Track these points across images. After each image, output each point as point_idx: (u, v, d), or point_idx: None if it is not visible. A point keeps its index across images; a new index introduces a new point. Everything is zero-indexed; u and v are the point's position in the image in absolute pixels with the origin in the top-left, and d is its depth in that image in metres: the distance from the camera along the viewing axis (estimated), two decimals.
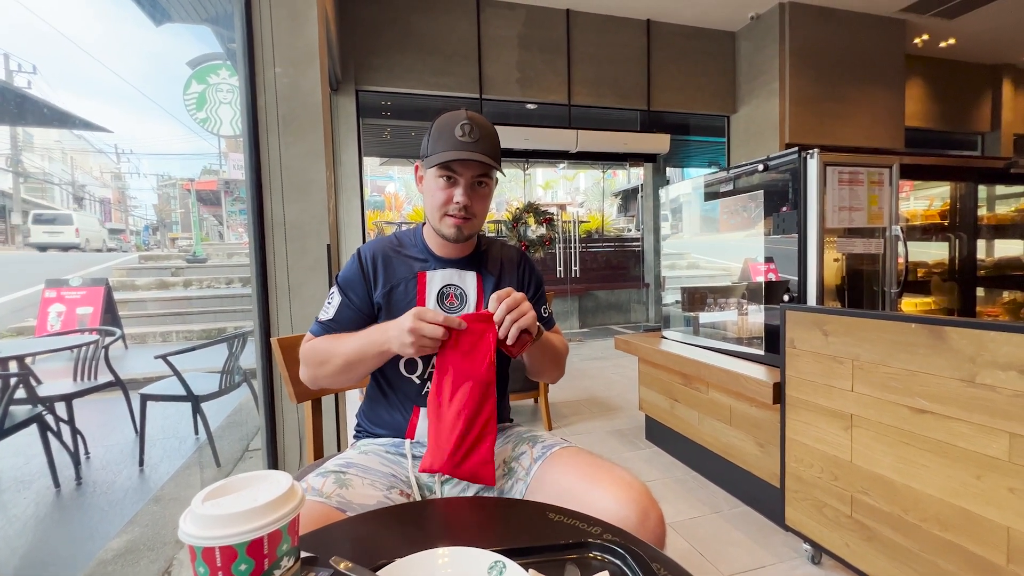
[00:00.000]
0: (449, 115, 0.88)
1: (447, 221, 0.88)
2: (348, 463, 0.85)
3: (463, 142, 0.84)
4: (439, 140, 0.86)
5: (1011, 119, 6.42)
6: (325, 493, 0.75)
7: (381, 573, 0.49)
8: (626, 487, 0.76)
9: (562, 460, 0.85)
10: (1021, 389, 0.94)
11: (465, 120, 0.86)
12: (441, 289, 0.94)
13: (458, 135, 0.85)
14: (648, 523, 0.73)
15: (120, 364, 2.87)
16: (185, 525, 0.35)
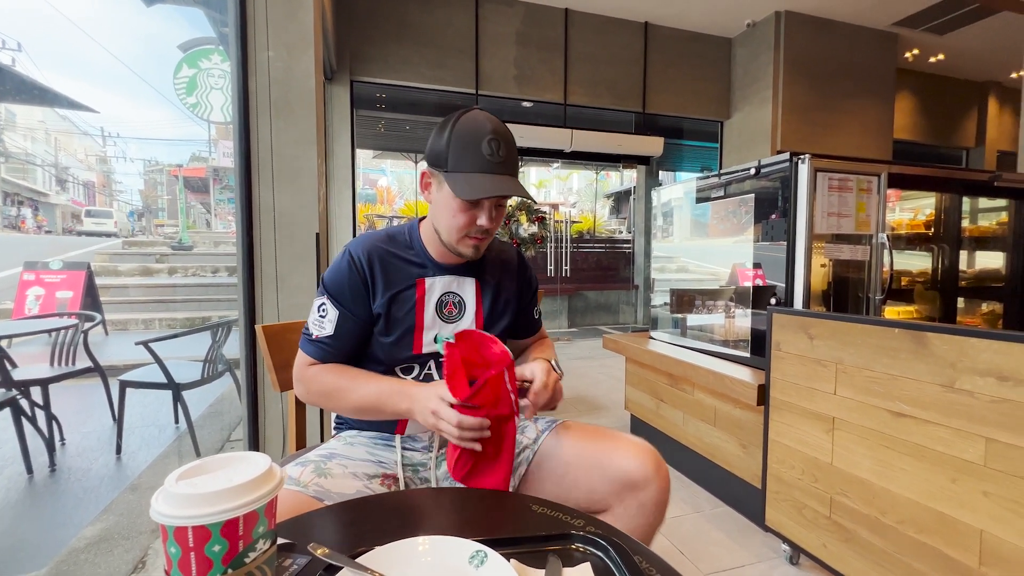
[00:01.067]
0: (472, 123, 0.78)
1: (466, 242, 0.83)
2: (331, 453, 0.84)
3: (491, 162, 0.77)
4: (463, 156, 0.77)
5: (995, 136, 6.57)
6: (302, 482, 0.74)
7: (360, 560, 0.48)
8: (639, 446, 0.82)
9: (570, 429, 0.89)
10: (998, 395, 0.96)
11: (492, 135, 0.77)
12: (440, 297, 0.88)
13: (486, 153, 0.76)
14: (660, 473, 0.80)
15: (100, 350, 2.81)
16: (157, 504, 0.34)
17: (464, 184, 0.76)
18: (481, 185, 0.76)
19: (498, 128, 0.79)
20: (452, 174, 0.78)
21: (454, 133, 0.78)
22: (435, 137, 0.81)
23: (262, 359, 1.64)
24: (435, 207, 0.84)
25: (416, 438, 0.91)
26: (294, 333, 1.17)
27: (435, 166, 0.81)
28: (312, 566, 0.49)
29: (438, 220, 0.83)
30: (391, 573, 0.46)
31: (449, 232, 0.82)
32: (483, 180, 0.76)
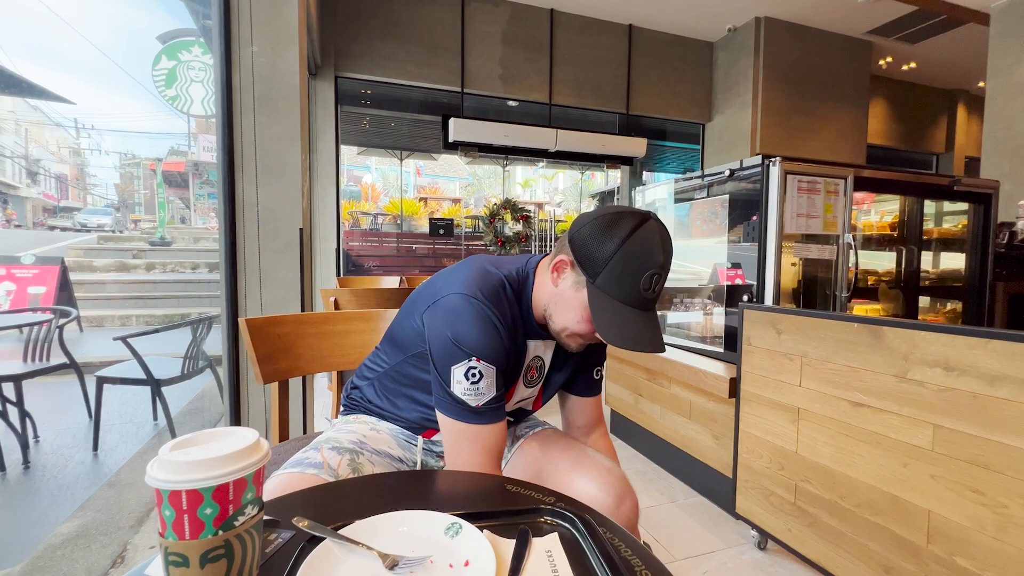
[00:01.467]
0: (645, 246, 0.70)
1: (576, 340, 0.79)
2: (362, 443, 0.84)
3: (644, 298, 0.71)
4: (619, 281, 0.70)
5: (963, 142, 6.83)
6: (340, 475, 0.75)
7: (343, 532, 0.51)
8: (605, 472, 0.79)
9: (543, 440, 0.88)
10: (945, 384, 1.03)
11: (657, 270, 0.70)
12: (529, 363, 0.85)
13: (643, 287, 0.70)
14: (623, 507, 0.76)
15: (75, 347, 2.76)
16: (152, 470, 0.36)
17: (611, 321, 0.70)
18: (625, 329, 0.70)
19: (665, 260, 0.72)
20: (600, 292, 0.71)
21: (623, 249, 0.70)
22: (597, 236, 0.72)
23: (245, 353, 1.64)
24: (561, 299, 0.76)
25: (438, 443, 0.91)
26: (278, 326, 1.19)
27: (583, 267, 0.73)
28: (296, 538, 0.52)
29: (557, 311, 0.77)
30: (370, 543, 0.50)
31: (562, 330, 0.78)
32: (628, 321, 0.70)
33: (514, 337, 0.78)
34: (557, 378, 0.90)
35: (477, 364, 0.72)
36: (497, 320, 0.74)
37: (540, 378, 0.87)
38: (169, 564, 0.36)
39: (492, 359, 0.73)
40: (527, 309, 0.81)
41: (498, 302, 0.76)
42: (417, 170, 11.36)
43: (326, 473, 0.75)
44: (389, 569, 0.47)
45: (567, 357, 0.88)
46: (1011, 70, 3.36)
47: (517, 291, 0.80)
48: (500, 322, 0.74)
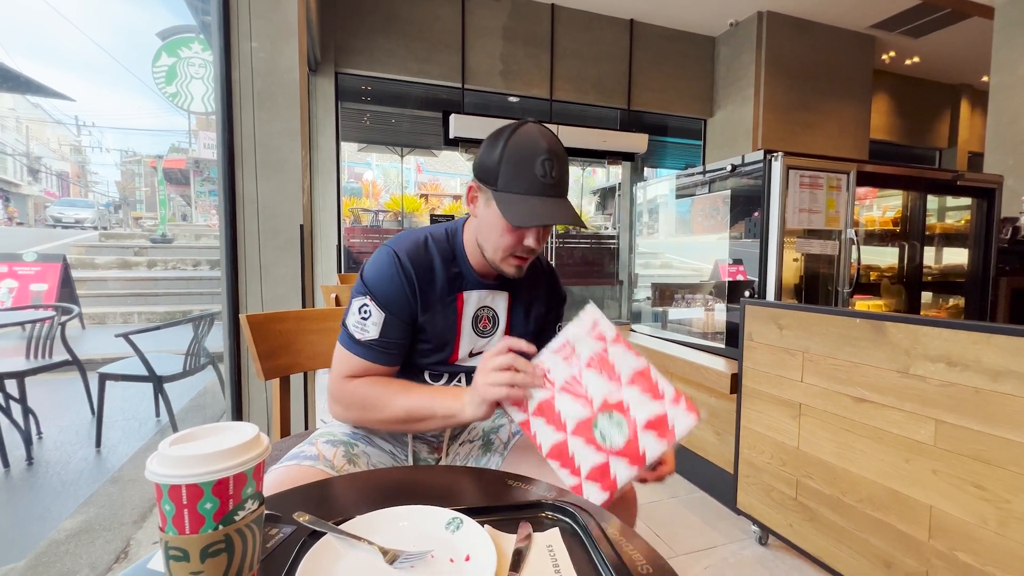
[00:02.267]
0: (527, 139, 0.75)
1: (511, 261, 0.80)
2: (356, 434, 0.86)
3: (544, 183, 0.74)
4: (515, 177, 0.74)
5: (967, 137, 6.79)
6: (336, 466, 0.76)
7: (343, 527, 0.51)
8: None
9: None
10: (947, 379, 1.02)
11: (546, 156, 0.74)
12: (476, 312, 0.86)
13: (539, 175, 0.73)
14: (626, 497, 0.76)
15: (77, 344, 2.77)
16: (152, 465, 0.36)
17: (515, 209, 0.73)
18: (533, 211, 0.73)
19: (553, 146, 0.75)
20: (503, 194, 0.75)
21: (507, 150, 0.75)
22: (486, 151, 0.78)
23: (246, 349, 1.65)
24: (481, 223, 0.80)
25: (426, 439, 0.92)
26: (279, 323, 1.19)
27: (484, 182, 0.78)
28: (297, 533, 0.52)
29: (483, 237, 0.80)
30: (371, 538, 0.50)
31: (495, 251, 0.80)
32: (535, 205, 0.73)
33: (433, 287, 0.82)
34: (520, 328, 0.91)
35: (370, 304, 0.79)
36: (404, 271, 0.79)
37: (495, 328, 0.88)
38: (170, 559, 0.36)
39: (384, 305, 0.79)
40: (462, 261, 0.85)
41: (414, 254, 0.81)
42: (418, 167, 11.34)
43: (322, 464, 0.76)
44: (390, 564, 0.47)
45: (527, 311, 0.91)
46: (1016, 64, 3.34)
47: (446, 246, 0.85)
48: (409, 273, 0.80)
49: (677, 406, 0.62)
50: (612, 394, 0.64)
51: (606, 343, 0.65)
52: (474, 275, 0.85)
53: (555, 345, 0.66)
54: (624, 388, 0.64)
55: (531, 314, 0.91)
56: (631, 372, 0.64)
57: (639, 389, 0.63)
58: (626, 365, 0.65)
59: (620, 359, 0.65)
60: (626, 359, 0.65)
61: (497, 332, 0.89)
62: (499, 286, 0.88)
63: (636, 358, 0.65)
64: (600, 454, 0.63)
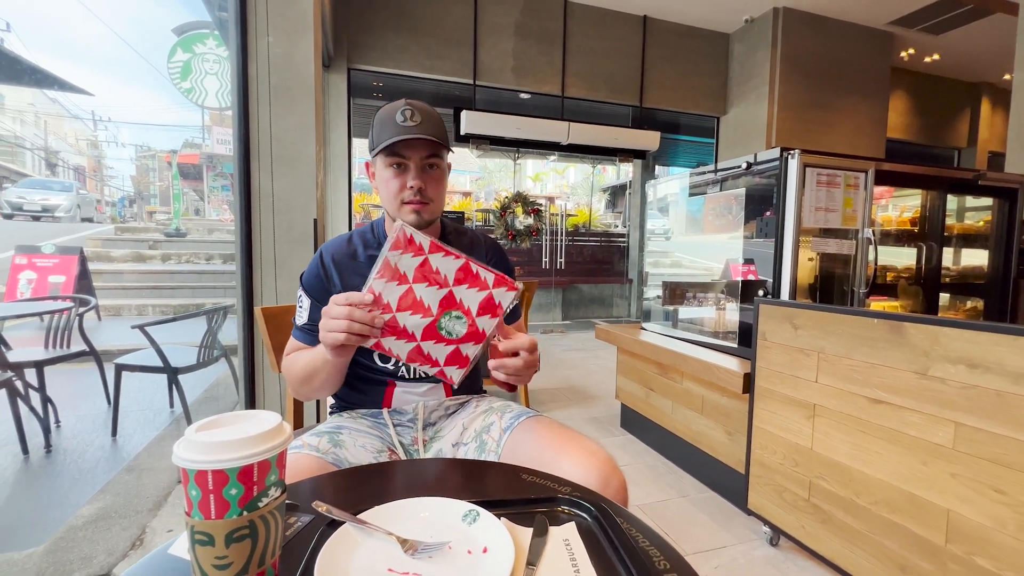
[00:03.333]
0: (388, 105, 0.88)
1: (405, 209, 0.87)
2: (339, 426, 0.89)
3: (406, 127, 0.84)
4: (383, 130, 0.85)
5: (987, 136, 6.65)
6: (321, 449, 0.79)
7: (362, 516, 0.51)
8: (589, 455, 0.80)
9: (529, 430, 0.89)
10: (968, 382, 1.00)
11: (405, 106, 0.85)
12: None
13: (399, 120, 0.84)
14: (608, 489, 0.77)
15: (93, 335, 2.82)
16: (179, 450, 0.37)
17: (382, 146, 0.84)
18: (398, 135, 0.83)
19: (414, 102, 0.86)
20: (378, 147, 0.85)
21: (376, 118, 0.88)
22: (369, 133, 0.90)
23: (260, 342, 1.66)
24: (379, 191, 0.91)
25: (402, 411, 0.96)
26: (292, 315, 1.20)
27: (371, 151, 0.89)
28: (315, 522, 0.53)
29: (383, 201, 0.90)
30: (389, 528, 0.50)
31: (389, 203, 0.89)
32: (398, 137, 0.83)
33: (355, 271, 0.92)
34: None
35: (302, 294, 0.94)
36: (322, 263, 0.93)
37: None
38: (195, 543, 0.37)
39: (310, 293, 0.92)
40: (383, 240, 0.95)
41: (335, 247, 0.94)
42: None
43: (307, 450, 0.79)
44: (408, 554, 0.47)
45: None
46: None
47: (370, 236, 0.97)
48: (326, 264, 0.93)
49: (499, 288, 0.72)
50: (445, 297, 0.72)
51: (424, 255, 0.71)
52: None
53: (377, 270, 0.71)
54: (453, 288, 0.72)
55: None
56: (455, 272, 0.71)
57: (466, 285, 0.72)
58: (449, 268, 0.72)
59: (442, 264, 0.71)
60: (446, 263, 0.71)
61: None
62: None
63: (455, 260, 0.71)
64: (450, 346, 0.73)
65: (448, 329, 0.72)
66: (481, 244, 1.03)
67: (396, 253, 0.70)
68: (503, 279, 0.71)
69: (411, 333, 0.72)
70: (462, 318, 0.72)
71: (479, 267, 0.71)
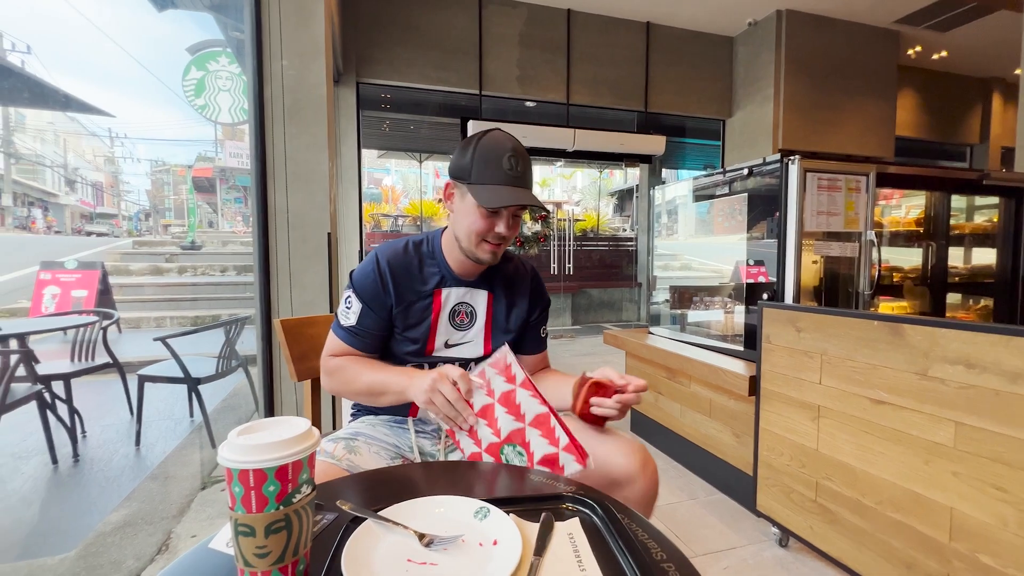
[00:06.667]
0: (494, 141, 0.87)
1: (484, 247, 0.90)
2: (356, 432, 0.93)
3: (511, 175, 0.85)
4: (485, 170, 0.85)
5: (999, 132, 6.56)
6: (336, 456, 0.84)
7: (381, 513, 0.56)
8: (628, 442, 0.86)
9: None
10: (966, 382, 1.03)
11: (511, 152, 0.86)
12: (454, 307, 0.96)
13: (506, 168, 0.85)
14: (647, 470, 0.83)
15: (114, 348, 2.91)
16: (224, 452, 0.42)
17: (487, 194, 0.85)
18: (501, 195, 0.85)
19: (517, 147, 0.88)
20: (475, 185, 0.86)
21: (478, 150, 0.87)
22: (459, 153, 0.89)
23: (278, 351, 1.73)
24: (457, 216, 0.91)
25: (427, 421, 0.99)
26: (310, 327, 1.26)
27: (459, 179, 0.89)
28: (340, 519, 0.57)
29: (459, 227, 0.90)
30: (407, 523, 0.54)
31: (469, 238, 0.89)
32: (503, 191, 0.85)
33: (409, 283, 0.93)
34: (503, 330, 1.00)
35: (351, 295, 0.93)
36: (380, 269, 0.92)
37: (472, 323, 0.98)
38: (239, 534, 0.42)
39: (362, 296, 0.92)
40: (440, 260, 0.96)
41: (393, 255, 0.94)
42: (436, 172, 11.49)
43: (323, 456, 0.83)
44: (425, 546, 0.52)
45: (508, 309, 1.00)
46: None
47: (424, 248, 0.97)
48: (384, 271, 0.92)
49: (569, 453, 0.72)
50: (516, 431, 0.75)
51: (515, 386, 0.75)
52: (452, 274, 0.96)
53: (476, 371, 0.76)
54: (527, 428, 0.75)
55: (512, 313, 1.01)
56: (533, 416, 0.74)
57: (539, 433, 0.74)
58: (530, 409, 0.74)
59: (525, 402, 0.74)
60: (530, 404, 0.74)
61: (475, 326, 0.98)
62: (478, 284, 0.98)
63: (539, 405, 0.74)
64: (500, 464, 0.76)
65: (507, 456, 0.76)
66: (525, 275, 1.05)
67: (493, 371, 0.74)
68: (575, 447, 0.71)
69: (480, 439, 0.77)
70: (523, 455, 0.75)
71: (558, 422, 0.72)
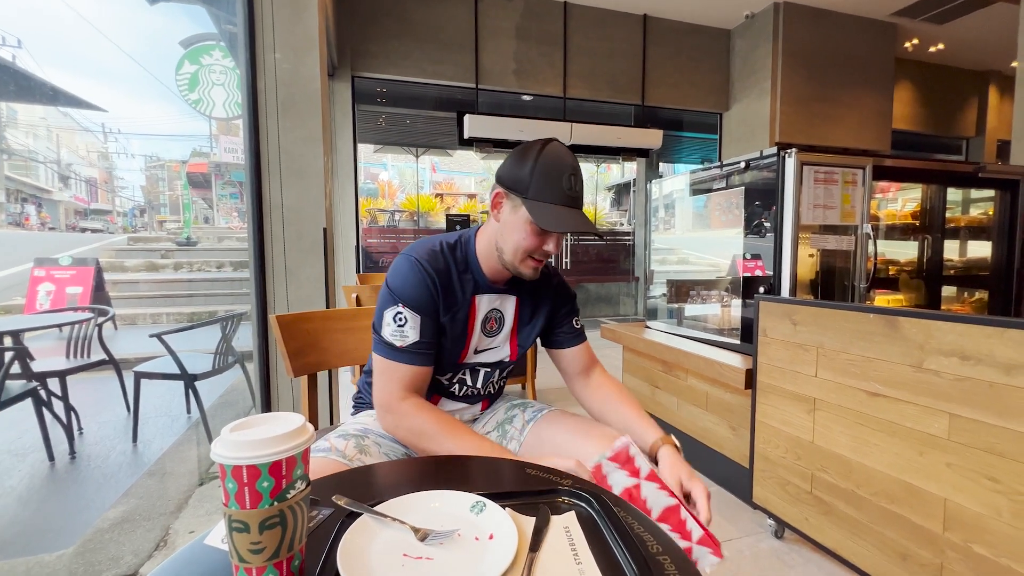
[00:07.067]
0: (555, 156, 0.83)
1: (529, 263, 0.87)
2: (366, 429, 0.91)
3: (570, 196, 0.83)
4: (545, 187, 0.82)
5: (995, 124, 6.58)
6: (348, 455, 0.81)
7: (377, 508, 0.56)
8: (612, 438, 0.84)
9: (552, 420, 0.94)
10: (961, 374, 1.03)
11: (572, 171, 0.83)
12: (486, 314, 0.93)
13: (565, 187, 0.82)
14: None
15: (110, 344, 2.90)
16: (217, 448, 0.41)
17: (547, 215, 0.81)
18: (561, 219, 0.81)
19: (575, 164, 0.85)
20: (534, 202, 0.82)
21: (539, 163, 0.82)
22: (516, 163, 0.84)
23: (275, 348, 1.72)
24: (505, 228, 0.86)
25: None
26: (306, 322, 1.25)
27: (513, 190, 0.84)
28: (335, 515, 0.57)
29: (505, 239, 0.86)
30: (403, 518, 0.54)
31: (516, 252, 0.86)
32: (563, 213, 0.82)
33: (451, 291, 0.88)
34: (528, 330, 0.98)
35: (403, 310, 0.84)
36: (428, 274, 0.85)
37: (500, 328, 0.96)
38: (233, 530, 0.42)
39: (417, 308, 0.84)
40: (474, 267, 0.91)
41: (432, 259, 0.87)
42: (432, 166, 11.44)
43: (335, 455, 0.82)
44: (421, 541, 0.52)
45: (533, 310, 0.98)
46: None
47: (458, 253, 0.91)
48: (432, 276, 0.85)
49: (704, 546, 0.67)
50: None
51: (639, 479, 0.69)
52: (486, 280, 0.92)
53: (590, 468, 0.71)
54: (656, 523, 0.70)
55: (537, 314, 0.99)
56: (661, 510, 0.68)
57: (669, 527, 0.67)
58: (657, 503, 0.69)
59: (652, 496, 0.69)
60: (658, 497, 0.69)
61: (503, 331, 0.97)
62: (507, 290, 0.95)
63: (668, 497, 0.68)
64: None
65: None
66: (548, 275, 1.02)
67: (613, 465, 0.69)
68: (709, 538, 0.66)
69: None
70: None
71: (689, 514, 0.67)
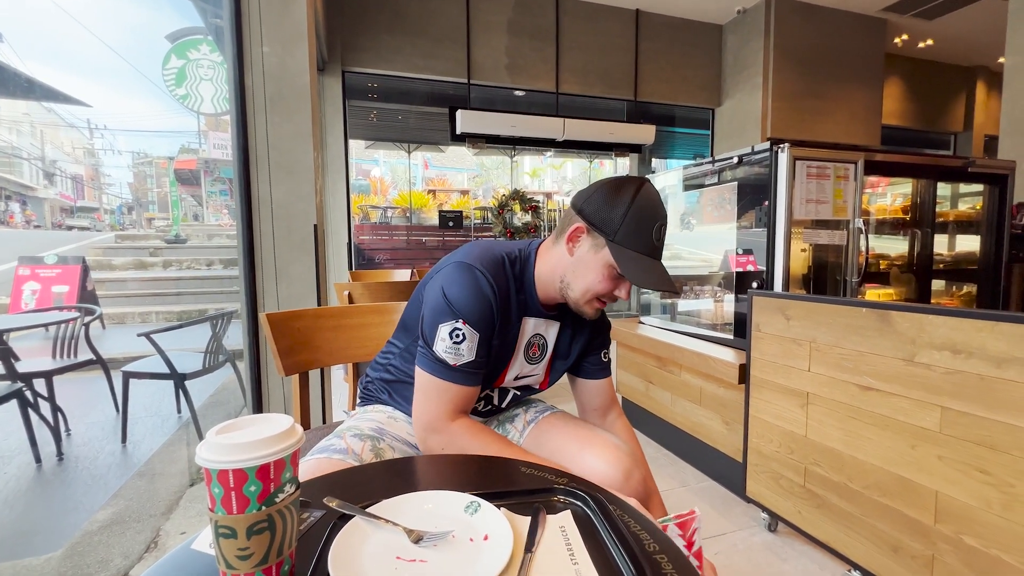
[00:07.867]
0: (650, 203, 0.79)
1: (595, 304, 0.84)
2: (381, 429, 0.88)
3: (656, 247, 0.80)
4: (635, 235, 0.78)
5: (983, 120, 6.65)
6: (364, 459, 0.79)
7: (369, 510, 0.55)
8: (613, 449, 0.82)
9: (553, 423, 0.92)
10: (952, 367, 1.04)
11: (662, 222, 0.80)
12: (530, 339, 0.89)
13: (654, 238, 0.79)
14: (631, 482, 0.79)
15: (98, 343, 2.85)
16: (202, 452, 0.40)
17: (635, 267, 0.77)
18: (650, 272, 0.78)
19: (666, 213, 0.82)
20: (620, 248, 0.78)
21: (632, 208, 0.78)
22: (606, 202, 0.79)
23: (265, 346, 1.70)
24: (580, 264, 0.82)
25: None
26: (297, 320, 1.24)
27: (599, 230, 0.79)
28: (327, 517, 0.56)
29: (577, 276, 0.82)
30: (396, 520, 0.53)
31: (585, 293, 0.82)
32: (650, 266, 0.78)
33: (507, 311, 0.83)
34: (563, 359, 0.94)
35: (463, 327, 0.78)
36: (491, 291, 0.79)
37: (543, 356, 0.92)
38: (219, 536, 0.40)
39: (477, 325, 0.78)
40: (529, 287, 0.86)
41: (496, 274, 0.81)
42: (425, 163, 11.37)
43: (351, 458, 0.79)
44: (414, 543, 0.51)
45: (572, 339, 0.94)
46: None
47: (518, 269, 0.86)
48: (495, 293, 0.79)
49: None
50: None
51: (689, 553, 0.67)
52: (537, 304, 0.87)
53: None
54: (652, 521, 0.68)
55: (575, 343, 0.95)
56: None
57: None
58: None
59: None
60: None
61: (543, 360, 0.92)
62: (554, 316, 0.91)
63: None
64: None
65: None
66: None
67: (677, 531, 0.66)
68: None
69: None
70: None
71: None
